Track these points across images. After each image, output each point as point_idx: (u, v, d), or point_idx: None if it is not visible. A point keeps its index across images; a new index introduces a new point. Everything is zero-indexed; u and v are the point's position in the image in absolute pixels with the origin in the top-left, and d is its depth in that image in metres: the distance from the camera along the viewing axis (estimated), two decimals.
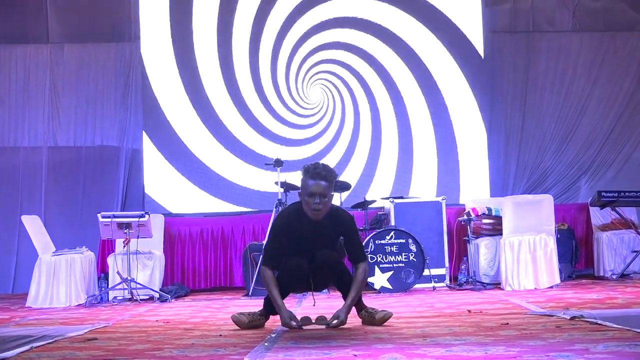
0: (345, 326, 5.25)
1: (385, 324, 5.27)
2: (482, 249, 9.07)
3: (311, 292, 5.60)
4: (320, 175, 5.18)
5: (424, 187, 10.75)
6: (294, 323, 5.18)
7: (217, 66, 10.90)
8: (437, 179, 10.83)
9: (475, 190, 10.72)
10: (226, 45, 10.90)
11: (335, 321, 5.20)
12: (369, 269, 8.46)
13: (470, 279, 8.81)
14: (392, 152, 10.90)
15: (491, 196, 10.53)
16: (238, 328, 5.34)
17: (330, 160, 10.42)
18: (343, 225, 5.36)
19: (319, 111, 10.93)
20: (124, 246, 8.58)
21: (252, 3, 10.94)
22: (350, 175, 10.67)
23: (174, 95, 10.84)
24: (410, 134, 10.93)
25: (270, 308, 5.41)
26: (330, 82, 10.98)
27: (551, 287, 8.28)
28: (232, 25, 10.93)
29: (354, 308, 5.42)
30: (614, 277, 9.13)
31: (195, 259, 10.03)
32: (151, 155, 10.74)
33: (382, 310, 5.35)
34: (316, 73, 10.98)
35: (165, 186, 10.71)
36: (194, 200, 10.71)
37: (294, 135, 10.87)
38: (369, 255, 8.59)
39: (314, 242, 5.28)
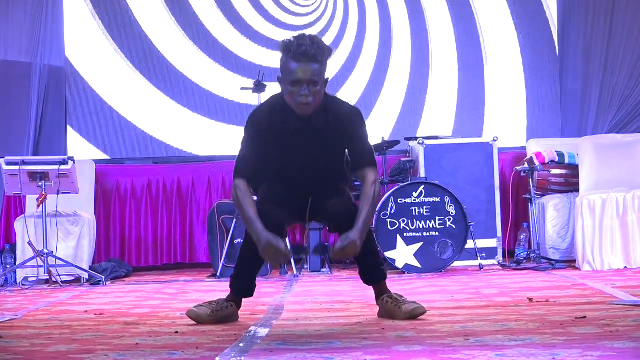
0: (356, 320, 5.30)
1: None
2: (549, 212, 9.12)
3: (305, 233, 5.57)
4: (307, 56, 5.09)
5: (442, 120, 10.84)
6: (281, 245, 5.10)
7: None
8: (456, 111, 10.87)
9: (508, 130, 10.76)
10: None
11: (340, 244, 5.08)
12: (390, 240, 8.52)
13: (532, 255, 8.87)
14: (403, 68, 10.96)
15: (558, 136, 10.52)
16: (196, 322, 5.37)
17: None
18: (346, 121, 5.30)
19: (317, 9, 10.94)
20: (39, 205, 8.60)
21: None
22: (349, 94, 10.66)
23: None
24: (428, 49, 10.99)
25: (240, 287, 5.43)
26: None
27: None
28: None
29: (372, 291, 5.45)
30: None
31: (141, 224, 10.09)
32: (78, 74, 10.75)
33: (412, 302, 5.35)
34: None
35: (99, 119, 10.71)
36: (142, 137, 10.75)
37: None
38: (389, 220, 8.62)
39: (307, 149, 5.28)
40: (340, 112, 5.30)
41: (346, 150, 5.35)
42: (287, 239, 5.30)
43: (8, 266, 9.04)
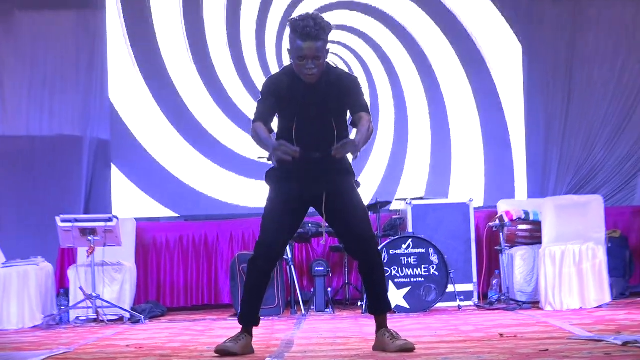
0: (355, 353, 5.29)
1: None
2: (517, 261, 9.12)
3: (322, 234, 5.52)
4: (310, 36, 5.14)
5: (430, 183, 10.90)
6: (290, 145, 5.09)
7: (226, 45, 11.04)
8: (440, 176, 10.95)
9: (482, 192, 10.81)
10: (234, 24, 11.02)
11: (342, 142, 5.09)
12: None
13: (503, 297, 8.86)
14: (386, 143, 11.01)
15: (524, 197, 10.57)
16: (223, 356, 5.35)
17: None
18: (346, 82, 5.38)
19: None
20: (88, 256, 8.61)
21: None
22: None
23: (154, 72, 10.95)
24: (406, 124, 11.07)
25: (248, 319, 5.44)
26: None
27: (600, 306, 8.34)
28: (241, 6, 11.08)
29: (368, 328, 5.44)
30: None
31: (174, 272, 10.07)
32: (121, 146, 10.81)
33: (404, 339, 5.33)
34: None
35: (139, 183, 10.76)
36: (174, 197, 10.81)
37: None
38: None
39: (312, 107, 5.32)
40: (341, 75, 5.40)
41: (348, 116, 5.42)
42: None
43: (62, 307, 9.03)
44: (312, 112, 5.30)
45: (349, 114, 5.43)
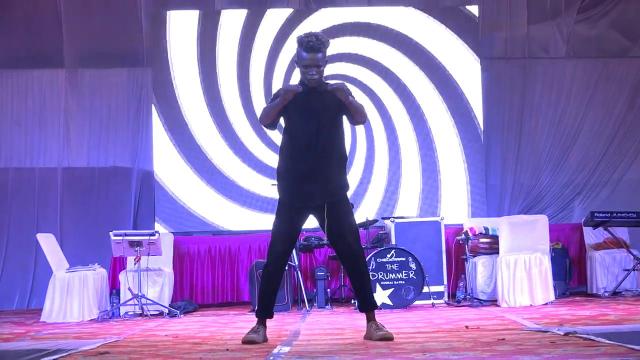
0: (349, 341, 5.26)
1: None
2: (479, 267, 9.07)
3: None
4: (313, 48, 5.28)
5: (408, 205, 10.81)
6: (290, 85, 5.30)
7: (235, 87, 10.94)
8: (419, 199, 10.86)
9: (452, 212, 10.74)
10: (244, 69, 10.97)
11: (337, 82, 5.30)
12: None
13: (467, 296, 8.80)
14: (382, 175, 10.92)
15: (484, 216, 10.54)
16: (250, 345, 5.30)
17: None
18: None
19: None
20: (135, 263, 8.58)
21: (271, 29, 11.00)
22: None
23: (196, 117, 10.89)
24: (399, 158, 10.96)
25: (263, 313, 5.42)
26: None
27: (546, 304, 8.28)
28: (252, 50, 10.99)
29: (360, 322, 5.41)
30: (606, 294, 9.12)
31: (204, 276, 10.02)
32: (162, 175, 10.75)
33: (386, 330, 5.32)
34: None
35: (177, 206, 10.72)
36: (205, 216, 10.74)
37: None
38: (371, 273, 8.57)
39: (315, 106, 5.34)
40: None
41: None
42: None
43: (114, 304, 8.98)
44: (314, 111, 5.36)
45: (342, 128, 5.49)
